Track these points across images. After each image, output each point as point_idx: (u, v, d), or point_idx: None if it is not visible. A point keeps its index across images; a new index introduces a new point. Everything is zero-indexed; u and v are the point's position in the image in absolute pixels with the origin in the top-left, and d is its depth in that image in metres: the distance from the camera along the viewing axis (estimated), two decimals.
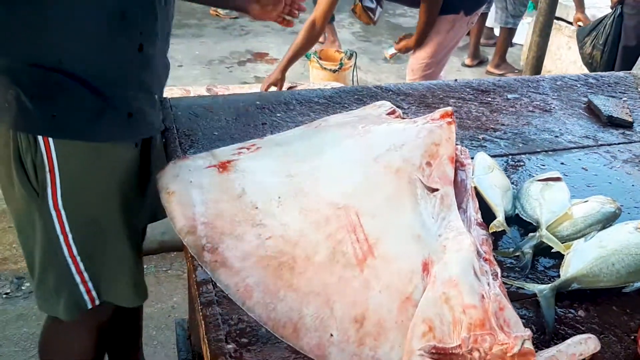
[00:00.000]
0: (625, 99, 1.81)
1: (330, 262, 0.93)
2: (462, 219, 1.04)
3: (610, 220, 1.15)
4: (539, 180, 1.25)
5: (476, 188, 1.17)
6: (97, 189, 1.26)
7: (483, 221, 1.08)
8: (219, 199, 1.04)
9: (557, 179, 1.25)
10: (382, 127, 1.23)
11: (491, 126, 1.60)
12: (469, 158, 1.22)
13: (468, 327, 0.80)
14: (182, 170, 1.11)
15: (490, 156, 1.31)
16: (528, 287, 1.01)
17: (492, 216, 1.14)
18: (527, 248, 1.09)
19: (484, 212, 1.11)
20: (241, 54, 5.39)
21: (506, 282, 0.98)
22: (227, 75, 5.12)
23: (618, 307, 1.01)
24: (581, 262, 1.02)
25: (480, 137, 1.53)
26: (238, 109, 1.56)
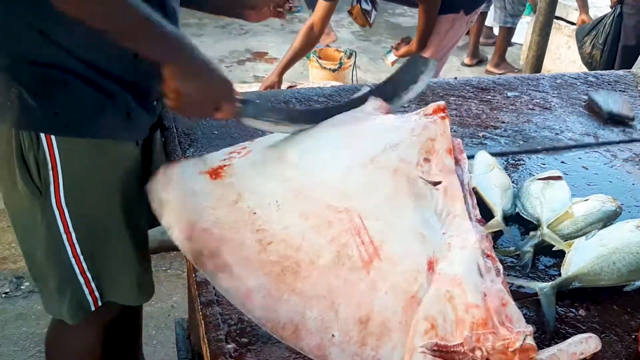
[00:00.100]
0: (625, 97, 1.81)
1: (335, 266, 0.92)
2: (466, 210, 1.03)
3: (611, 218, 1.15)
4: (540, 179, 1.25)
5: (475, 187, 1.17)
6: (100, 187, 1.26)
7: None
8: (215, 206, 1.03)
9: (558, 178, 1.25)
10: (376, 126, 1.22)
11: (491, 124, 1.60)
12: (464, 152, 1.22)
13: (471, 326, 0.80)
14: (173, 178, 1.08)
15: (490, 154, 1.31)
16: (529, 286, 1.01)
17: (492, 215, 1.14)
18: (528, 247, 1.09)
19: (483, 211, 1.11)
20: (240, 53, 5.39)
21: (507, 281, 0.98)
22: (227, 74, 5.12)
23: (619, 306, 1.01)
24: (582, 261, 1.02)
25: (480, 135, 1.53)
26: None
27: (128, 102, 1.23)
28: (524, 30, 5.64)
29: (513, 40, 5.99)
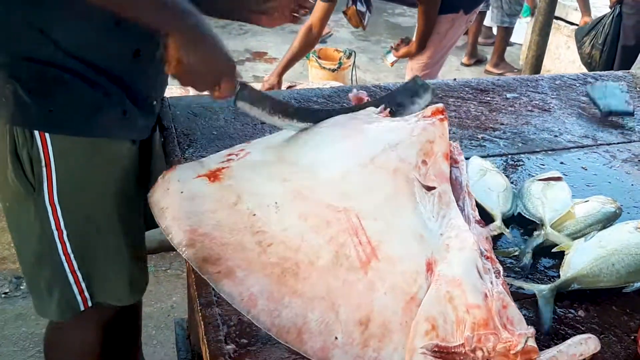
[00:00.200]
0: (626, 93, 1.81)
1: (334, 266, 0.92)
2: (461, 216, 1.04)
3: (610, 220, 1.15)
4: (540, 179, 1.25)
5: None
6: (94, 186, 1.26)
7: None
8: (215, 209, 1.02)
9: (558, 179, 1.25)
10: (375, 127, 1.22)
11: (490, 125, 1.60)
12: (462, 154, 1.22)
13: (472, 327, 0.80)
14: (172, 183, 1.08)
15: (489, 156, 1.31)
16: (528, 287, 1.01)
17: (490, 218, 1.14)
18: (529, 247, 1.09)
19: (483, 215, 1.11)
20: (240, 53, 5.39)
21: (506, 282, 0.98)
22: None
23: (618, 307, 1.01)
24: (581, 262, 1.02)
25: (479, 137, 1.53)
26: (237, 109, 1.55)
27: (125, 102, 1.23)
28: (524, 30, 5.65)
29: (512, 40, 5.99)
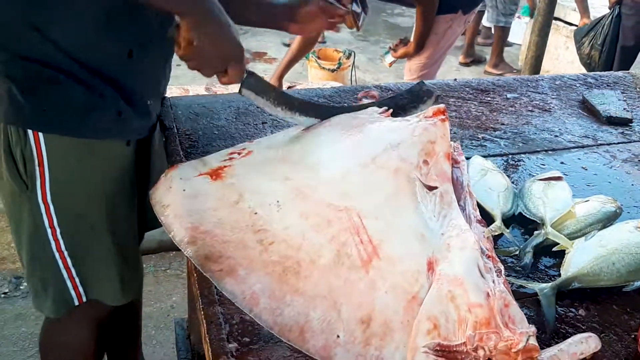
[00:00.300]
0: (625, 100, 1.82)
1: (335, 265, 0.92)
2: (462, 216, 1.04)
3: (610, 219, 1.15)
4: (541, 179, 1.25)
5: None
6: (86, 185, 1.26)
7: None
8: (216, 207, 1.02)
9: (558, 179, 1.25)
10: (376, 127, 1.23)
11: (491, 125, 1.60)
12: (462, 155, 1.23)
13: (473, 326, 0.80)
14: (174, 181, 1.08)
15: (490, 155, 1.31)
16: (529, 286, 1.01)
17: (491, 218, 1.14)
18: (530, 247, 1.10)
19: (484, 215, 1.12)
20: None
21: (507, 281, 0.98)
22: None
23: (618, 306, 1.01)
24: (582, 261, 1.03)
25: (480, 137, 1.54)
26: (238, 108, 1.56)
27: (119, 102, 1.23)
28: (523, 30, 5.66)
29: (512, 40, 6.00)
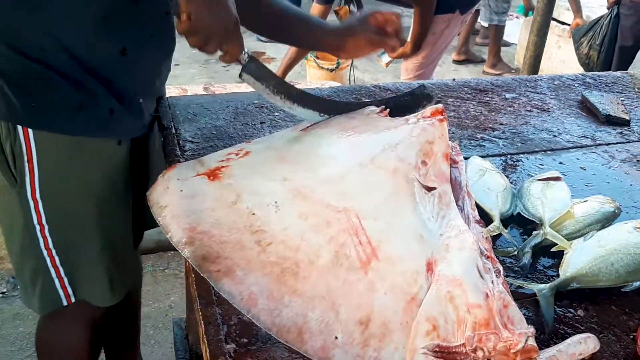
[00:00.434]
0: (623, 99, 1.82)
1: (333, 266, 0.92)
2: (461, 217, 1.04)
3: (609, 219, 1.15)
4: (539, 179, 1.25)
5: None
6: (76, 184, 1.25)
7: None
8: (214, 207, 1.02)
9: (557, 179, 1.25)
10: (374, 127, 1.23)
11: (489, 125, 1.60)
12: (461, 155, 1.22)
13: (473, 326, 0.80)
14: (171, 181, 1.08)
15: (488, 155, 1.31)
16: (527, 287, 1.01)
17: (490, 218, 1.14)
18: (528, 247, 1.09)
19: (482, 215, 1.11)
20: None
21: (506, 282, 0.98)
22: (224, 74, 5.12)
23: (617, 307, 1.01)
24: (580, 262, 1.03)
25: (478, 137, 1.54)
26: (237, 108, 1.56)
27: (111, 100, 1.22)
28: (519, 30, 5.67)
29: (510, 40, 5.99)
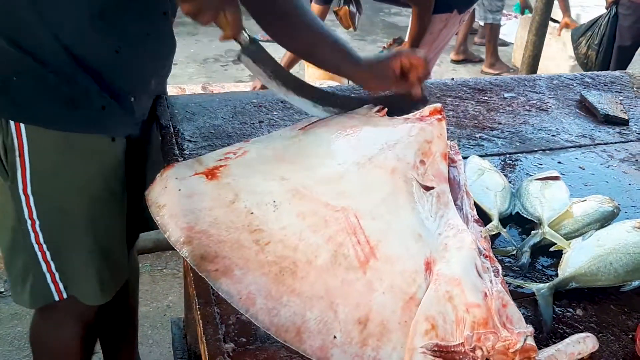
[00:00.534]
0: (622, 99, 1.82)
1: (332, 265, 0.92)
2: (459, 216, 1.04)
3: (608, 219, 1.15)
4: (538, 179, 1.25)
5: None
6: (67, 180, 1.25)
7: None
8: (212, 207, 1.02)
9: (556, 178, 1.25)
10: (373, 126, 1.23)
11: (488, 125, 1.60)
12: (459, 154, 1.22)
13: (471, 326, 0.80)
14: (170, 180, 1.08)
15: (487, 155, 1.31)
16: (526, 286, 1.01)
17: (488, 218, 1.14)
18: (527, 247, 1.09)
19: (481, 215, 1.11)
20: (236, 52, 5.38)
21: (505, 281, 0.98)
22: (222, 73, 5.12)
23: (616, 306, 1.01)
24: (579, 261, 1.03)
25: (477, 136, 1.53)
26: (235, 107, 1.56)
27: (104, 97, 1.22)
28: (515, 29, 5.69)
29: (508, 40, 5.99)
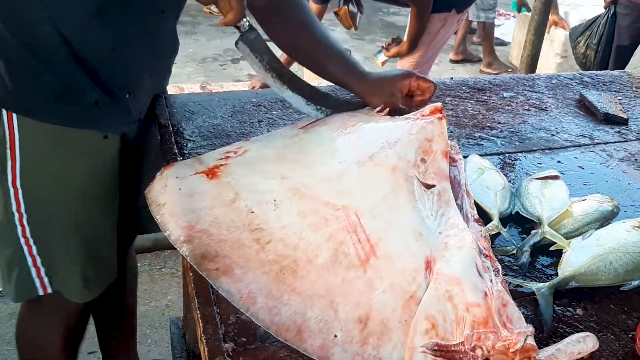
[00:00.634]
0: (621, 98, 1.82)
1: (332, 264, 0.92)
2: (460, 215, 1.04)
3: (608, 218, 1.15)
4: (538, 178, 1.25)
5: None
6: (56, 174, 1.25)
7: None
8: (212, 206, 1.02)
9: (555, 177, 1.25)
10: (373, 125, 1.22)
11: (487, 124, 1.60)
12: (460, 153, 1.22)
13: (471, 325, 0.80)
14: (170, 179, 1.08)
15: (486, 154, 1.31)
16: (526, 286, 1.01)
17: (488, 217, 1.14)
18: (527, 246, 1.09)
19: (481, 214, 1.11)
20: (235, 52, 5.34)
21: (505, 280, 0.98)
22: (221, 73, 5.12)
23: (616, 306, 1.01)
24: (579, 261, 1.03)
25: (476, 136, 1.53)
26: (234, 106, 1.55)
27: (97, 92, 1.22)
28: (512, 29, 5.70)
29: (507, 39, 6.00)
